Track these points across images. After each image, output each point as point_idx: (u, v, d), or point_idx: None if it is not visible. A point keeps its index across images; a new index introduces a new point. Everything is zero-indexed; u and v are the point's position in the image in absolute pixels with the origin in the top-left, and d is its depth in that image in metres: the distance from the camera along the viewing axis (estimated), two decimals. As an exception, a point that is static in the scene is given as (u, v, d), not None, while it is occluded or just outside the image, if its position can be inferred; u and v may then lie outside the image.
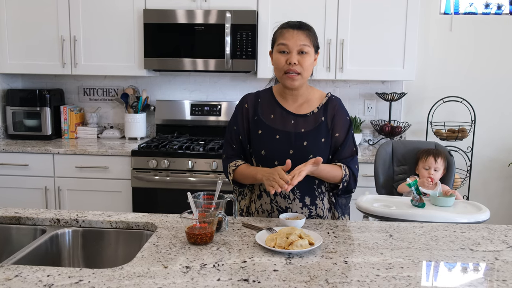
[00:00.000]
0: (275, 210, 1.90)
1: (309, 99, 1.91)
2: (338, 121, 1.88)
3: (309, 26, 1.84)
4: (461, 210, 2.11)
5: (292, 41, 1.77)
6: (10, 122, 3.66)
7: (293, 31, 1.79)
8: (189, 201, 1.59)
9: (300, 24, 1.82)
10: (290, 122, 1.87)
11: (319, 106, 1.89)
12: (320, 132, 1.84)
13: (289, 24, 1.83)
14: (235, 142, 1.94)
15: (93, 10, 3.46)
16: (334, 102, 1.90)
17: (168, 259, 1.39)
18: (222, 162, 1.99)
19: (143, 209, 3.17)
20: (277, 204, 1.88)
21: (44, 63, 3.55)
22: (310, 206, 1.87)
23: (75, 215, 1.79)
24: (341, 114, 1.89)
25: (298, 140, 1.83)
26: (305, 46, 1.78)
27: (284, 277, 1.28)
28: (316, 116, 1.87)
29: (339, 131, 1.88)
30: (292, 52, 1.78)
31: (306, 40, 1.79)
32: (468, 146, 3.62)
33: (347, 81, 3.75)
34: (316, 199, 1.88)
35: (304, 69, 1.79)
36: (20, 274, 1.28)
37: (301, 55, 1.78)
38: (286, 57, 1.79)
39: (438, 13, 3.72)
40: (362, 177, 3.16)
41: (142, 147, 3.29)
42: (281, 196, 1.87)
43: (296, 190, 1.86)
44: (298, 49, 1.78)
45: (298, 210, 1.86)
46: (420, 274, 1.32)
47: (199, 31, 3.36)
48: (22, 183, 3.33)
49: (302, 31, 1.79)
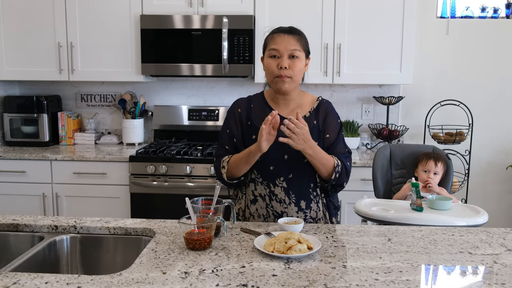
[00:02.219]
0: (270, 215, 1.90)
1: (300, 104, 1.93)
2: (329, 123, 1.91)
3: (299, 31, 1.86)
4: (460, 213, 2.12)
5: (283, 45, 1.80)
6: (7, 129, 3.66)
7: (284, 36, 1.81)
8: (187, 207, 1.58)
9: (290, 29, 1.84)
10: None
11: (311, 110, 1.92)
12: (313, 135, 1.84)
13: (279, 29, 1.85)
14: (228, 144, 1.94)
15: (90, 16, 3.47)
16: (325, 105, 1.93)
17: (166, 265, 1.39)
18: (214, 163, 1.97)
19: (141, 215, 3.16)
20: (273, 208, 1.89)
21: (41, 69, 3.55)
22: (305, 210, 1.88)
23: (73, 221, 1.79)
24: (332, 116, 1.92)
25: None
26: (295, 50, 1.80)
27: (283, 281, 1.28)
28: (308, 120, 1.89)
29: (330, 133, 1.90)
30: (283, 57, 1.80)
31: (297, 44, 1.81)
32: (466, 150, 3.62)
33: (344, 85, 3.76)
34: (311, 202, 1.89)
35: (295, 73, 1.82)
36: (18, 282, 1.27)
37: (292, 59, 1.81)
38: (277, 61, 1.81)
39: (435, 17, 3.74)
40: (360, 181, 3.17)
41: (140, 152, 3.29)
42: (277, 201, 1.88)
43: (291, 195, 1.87)
44: (289, 54, 1.80)
45: (293, 214, 1.87)
46: (419, 278, 1.32)
47: (196, 36, 3.37)
48: (19, 190, 3.32)
49: (293, 36, 1.82)
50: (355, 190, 3.16)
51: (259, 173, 1.90)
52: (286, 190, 1.87)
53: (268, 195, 1.90)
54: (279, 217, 1.88)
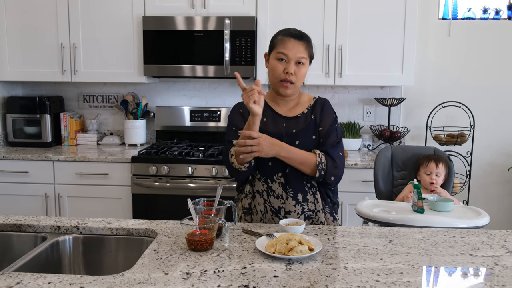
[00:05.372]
0: (268, 211, 1.93)
1: (299, 102, 1.98)
2: (324, 117, 1.94)
3: (308, 37, 1.91)
4: (461, 215, 2.12)
5: (293, 52, 1.84)
6: (10, 130, 3.67)
7: (294, 42, 1.85)
8: (189, 208, 1.59)
9: (301, 35, 1.88)
10: (281, 124, 1.93)
11: (308, 107, 1.96)
12: (310, 130, 1.91)
13: (290, 33, 1.88)
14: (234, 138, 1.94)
15: (93, 18, 3.48)
16: (321, 102, 1.98)
17: (168, 266, 1.39)
18: (223, 159, 1.98)
19: (143, 216, 3.17)
20: (270, 204, 1.92)
21: (44, 70, 3.57)
22: (302, 203, 1.90)
23: (75, 222, 1.80)
24: (327, 110, 1.96)
25: (290, 140, 1.87)
26: (303, 58, 1.86)
27: (284, 283, 1.29)
28: (306, 116, 1.94)
29: (324, 125, 1.93)
30: (290, 62, 1.85)
31: (305, 52, 1.87)
32: (467, 151, 3.63)
33: (346, 87, 3.76)
34: (307, 194, 1.91)
35: (298, 79, 1.88)
36: (21, 282, 1.28)
37: (297, 65, 1.86)
38: (284, 65, 1.86)
39: (436, 19, 3.74)
40: (361, 182, 3.17)
41: (142, 153, 3.30)
42: (274, 196, 1.91)
43: (289, 189, 1.89)
44: (296, 60, 1.85)
45: (291, 208, 1.89)
46: (420, 279, 1.33)
47: (198, 37, 3.38)
48: (22, 190, 3.33)
49: (302, 43, 1.87)
50: (356, 191, 3.16)
51: (257, 169, 1.93)
52: (283, 185, 1.90)
53: (266, 191, 1.92)
54: (277, 213, 1.91)
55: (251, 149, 1.76)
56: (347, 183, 3.11)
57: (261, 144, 1.76)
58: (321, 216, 1.92)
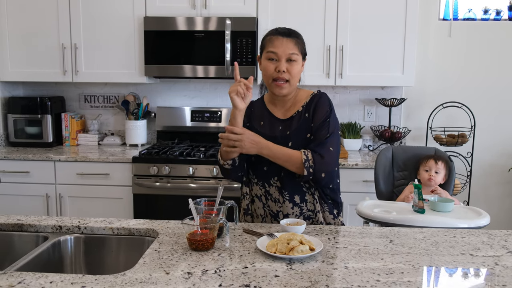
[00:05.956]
0: (267, 215, 1.94)
1: (296, 101, 1.94)
2: (316, 112, 1.87)
3: (297, 33, 1.87)
4: (461, 215, 2.12)
5: (282, 49, 1.81)
6: (11, 130, 3.68)
7: (283, 39, 1.82)
8: (190, 207, 1.59)
9: (289, 32, 1.85)
10: (278, 127, 1.91)
11: (304, 104, 1.91)
12: (304, 128, 1.86)
13: (278, 31, 1.85)
14: None
15: (94, 18, 3.49)
16: (317, 97, 1.90)
17: (169, 265, 1.40)
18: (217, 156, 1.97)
19: (144, 216, 3.17)
20: (269, 208, 1.93)
21: (45, 71, 3.57)
22: (300, 204, 1.89)
23: (77, 222, 1.80)
24: (320, 104, 1.88)
25: (283, 142, 1.84)
26: (293, 54, 1.82)
27: (285, 282, 1.29)
28: (300, 114, 1.90)
29: (315, 121, 1.86)
30: (281, 60, 1.82)
31: (295, 48, 1.83)
32: (468, 152, 3.63)
33: (346, 87, 3.77)
34: (305, 195, 1.90)
35: (292, 77, 1.84)
36: (23, 281, 1.28)
37: (289, 62, 1.83)
38: (275, 64, 1.83)
39: (437, 19, 3.74)
40: (362, 183, 3.17)
41: (143, 153, 3.30)
42: (272, 200, 1.91)
43: (284, 192, 1.88)
44: (287, 57, 1.82)
45: (289, 211, 1.89)
46: (420, 279, 1.33)
47: (199, 38, 3.38)
48: (23, 190, 3.34)
49: (291, 39, 1.83)
50: (357, 191, 3.16)
51: (254, 173, 1.94)
52: (279, 189, 1.89)
53: (264, 195, 1.93)
54: (275, 217, 1.91)
55: (233, 143, 1.76)
56: (347, 184, 3.11)
57: (243, 141, 1.76)
58: (320, 216, 1.92)
